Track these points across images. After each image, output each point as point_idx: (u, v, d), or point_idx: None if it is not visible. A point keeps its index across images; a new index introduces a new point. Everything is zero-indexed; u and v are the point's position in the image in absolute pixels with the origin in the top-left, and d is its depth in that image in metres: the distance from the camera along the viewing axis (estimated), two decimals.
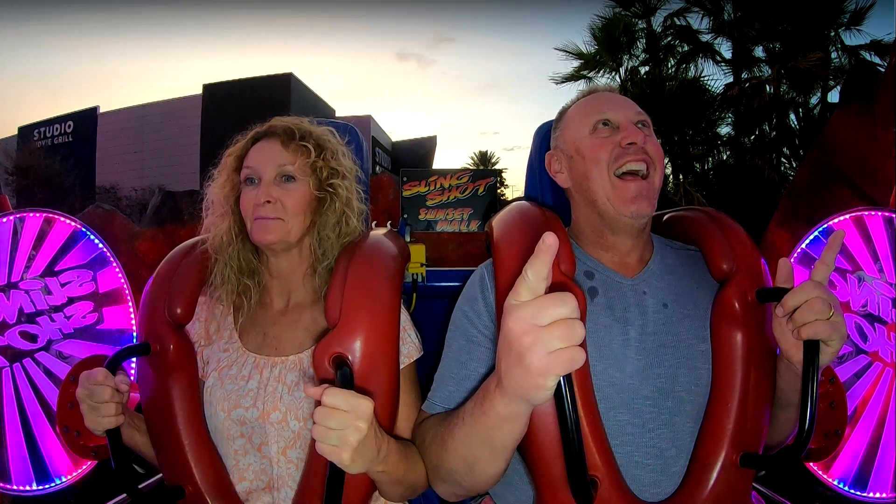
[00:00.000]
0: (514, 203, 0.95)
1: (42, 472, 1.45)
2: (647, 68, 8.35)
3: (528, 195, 1.11)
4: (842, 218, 1.70)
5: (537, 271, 0.52)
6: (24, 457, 1.44)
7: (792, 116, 7.47)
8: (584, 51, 8.73)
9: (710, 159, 7.74)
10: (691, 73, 8.02)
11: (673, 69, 8.15)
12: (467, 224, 1.70)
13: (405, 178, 1.71)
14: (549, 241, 0.51)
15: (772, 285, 0.82)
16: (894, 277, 1.57)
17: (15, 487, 1.43)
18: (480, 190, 1.69)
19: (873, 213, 1.65)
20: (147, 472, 1.20)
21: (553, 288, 0.54)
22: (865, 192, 4.26)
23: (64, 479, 1.45)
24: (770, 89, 7.29)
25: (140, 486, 1.08)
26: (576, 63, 8.81)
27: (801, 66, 6.88)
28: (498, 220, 0.90)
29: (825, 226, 1.72)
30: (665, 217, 1.02)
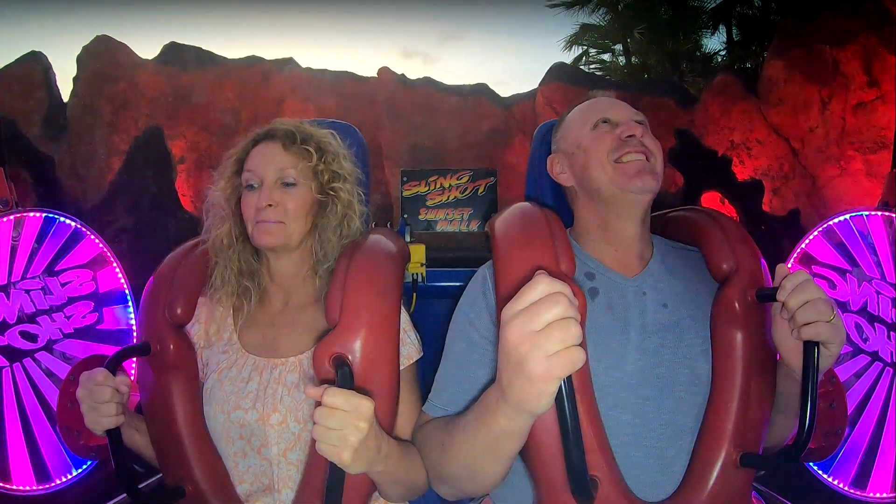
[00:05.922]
0: (514, 204, 0.95)
1: (42, 472, 1.45)
2: None
3: (529, 195, 1.11)
4: (841, 218, 1.70)
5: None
6: (24, 457, 1.44)
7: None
8: None
9: (703, 61, 7.77)
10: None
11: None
12: (467, 224, 1.69)
13: (405, 178, 1.71)
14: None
15: (772, 285, 0.82)
16: (894, 277, 1.57)
17: (15, 487, 1.43)
18: (480, 190, 1.69)
19: (873, 213, 1.65)
20: (147, 472, 1.19)
21: None
22: (862, 7, 4.17)
23: (64, 479, 1.45)
24: (759, 2, 7.32)
25: (140, 486, 1.08)
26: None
27: None
28: (499, 221, 0.90)
29: (825, 225, 1.72)
30: (665, 217, 1.02)
